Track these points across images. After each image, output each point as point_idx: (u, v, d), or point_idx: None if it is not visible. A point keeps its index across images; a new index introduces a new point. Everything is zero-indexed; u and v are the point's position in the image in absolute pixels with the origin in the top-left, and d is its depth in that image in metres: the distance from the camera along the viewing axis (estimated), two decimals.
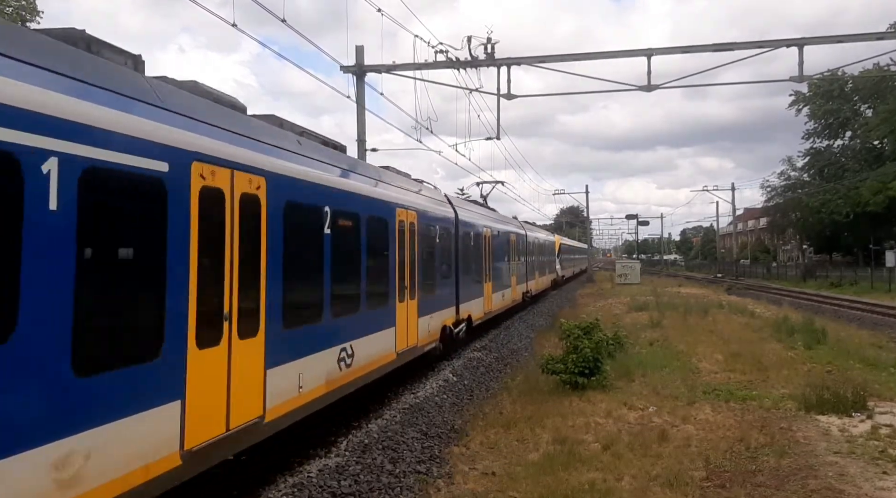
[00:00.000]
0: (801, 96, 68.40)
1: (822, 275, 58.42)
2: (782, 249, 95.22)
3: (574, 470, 7.89)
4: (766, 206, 77.37)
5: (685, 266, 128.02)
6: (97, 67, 5.31)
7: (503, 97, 20.47)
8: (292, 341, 7.65)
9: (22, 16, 31.41)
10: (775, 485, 7.45)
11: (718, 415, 10.46)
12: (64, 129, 4.53)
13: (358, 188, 10.16)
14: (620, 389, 12.34)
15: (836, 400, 10.61)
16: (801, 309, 29.67)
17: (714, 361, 15.39)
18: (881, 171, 55.31)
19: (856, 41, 19.81)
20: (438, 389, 12.45)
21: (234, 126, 6.91)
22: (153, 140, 5.41)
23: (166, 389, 5.45)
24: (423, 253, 13.10)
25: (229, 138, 6.65)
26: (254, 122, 7.75)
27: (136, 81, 5.74)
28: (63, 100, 4.60)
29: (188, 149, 5.85)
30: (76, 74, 4.88)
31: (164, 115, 5.69)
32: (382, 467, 8.06)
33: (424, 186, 15.19)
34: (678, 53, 20.51)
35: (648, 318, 23.97)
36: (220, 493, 7.31)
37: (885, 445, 8.79)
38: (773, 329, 20.90)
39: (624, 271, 56.33)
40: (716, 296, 38.38)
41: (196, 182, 5.94)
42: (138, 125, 5.30)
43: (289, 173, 7.71)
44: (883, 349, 18.21)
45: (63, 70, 4.77)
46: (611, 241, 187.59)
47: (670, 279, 67.85)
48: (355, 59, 20.05)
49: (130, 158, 5.15)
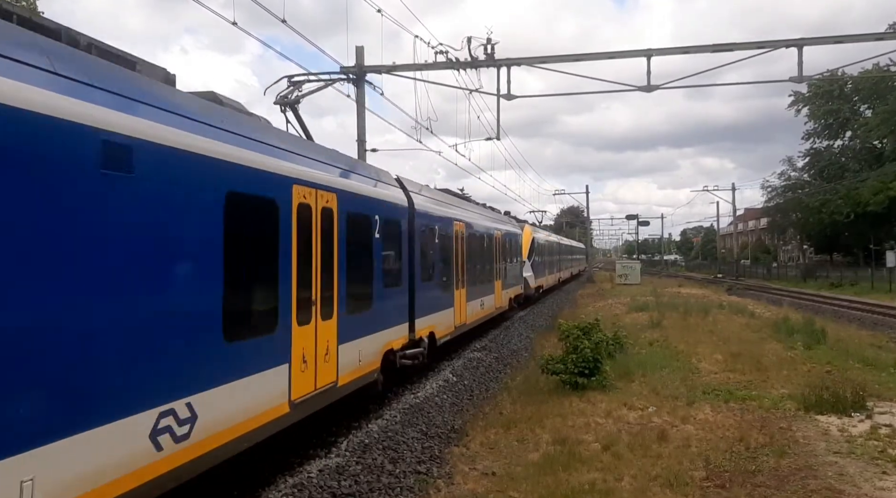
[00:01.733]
0: (800, 97, 68.46)
1: (823, 275, 58.46)
2: (783, 249, 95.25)
3: (574, 470, 7.90)
4: (767, 206, 77.39)
5: (685, 266, 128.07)
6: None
7: (503, 98, 20.47)
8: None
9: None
10: (775, 485, 7.46)
11: (718, 415, 10.47)
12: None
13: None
14: (620, 389, 12.35)
15: (835, 400, 10.62)
16: (801, 309, 29.67)
17: (714, 361, 15.40)
18: (882, 172, 55.31)
19: (855, 41, 19.78)
20: (438, 389, 12.46)
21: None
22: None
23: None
24: (350, 252, 9.56)
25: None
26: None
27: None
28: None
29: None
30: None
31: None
32: (382, 467, 8.07)
33: (362, 165, 12.24)
34: (678, 54, 20.51)
35: (648, 318, 23.96)
36: (220, 493, 7.32)
37: (884, 445, 8.80)
38: (773, 329, 20.91)
39: (624, 272, 56.31)
40: (716, 296, 38.38)
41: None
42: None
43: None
44: (883, 349, 18.23)
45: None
46: (611, 242, 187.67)
47: (670, 279, 67.83)
48: (355, 59, 20.07)
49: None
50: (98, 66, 5.48)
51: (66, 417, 4.60)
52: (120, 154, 5.15)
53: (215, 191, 6.43)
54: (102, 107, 5.05)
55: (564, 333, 12.93)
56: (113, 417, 5.03)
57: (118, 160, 5.14)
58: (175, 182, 5.86)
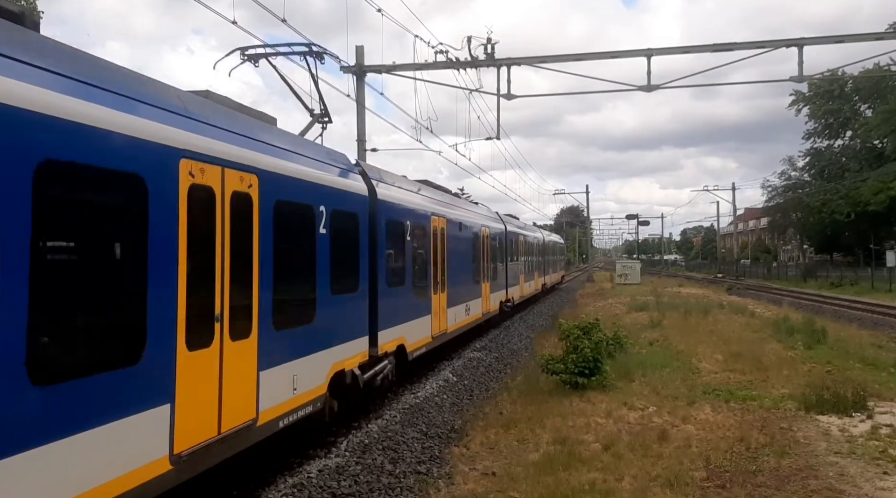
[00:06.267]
0: (800, 96, 68.42)
1: (823, 275, 58.43)
2: (783, 248, 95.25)
3: (574, 470, 7.89)
4: (767, 206, 77.41)
5: (685, 266, 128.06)
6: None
7: (503, 97, 20.50)
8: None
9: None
10: (776, 485, 7.44)
11: (718, 415, 10.46)
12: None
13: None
14: (620, 389, 12.33)
15: (836, 400, 10.61)
16: (801, 309, 29.67)
17: (714, 361, 15.38)
18: (882, 171, 55.32)
19: (855, 41, 19.80)
20: (438, 389, 12.46)
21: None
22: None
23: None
24: (280, 251, 7.57)
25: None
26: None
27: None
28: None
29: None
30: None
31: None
32: (382, 468, 8.06)
33: (309, 144, 9.78)
34: (677, 54, 20.52)
35: (648, 318, 23.96)
36: (220, 493, 7.31)
37: (885, 445, 8.78)
38: (774, 329, 20.90)
39: (624, 271, 56.29)
40: (716, 296, 38.37)
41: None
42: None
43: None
44: (883, 349, 18.20)
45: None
46: (611, 241, 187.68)
47: (670, 279, 67.80)
48: (355, 59, 20.08)
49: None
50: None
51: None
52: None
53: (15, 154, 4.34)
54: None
55: (564, 333, 12.92)
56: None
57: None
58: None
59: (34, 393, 4.39)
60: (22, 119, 4.37)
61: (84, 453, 4.75)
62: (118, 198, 5.44)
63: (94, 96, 5.10)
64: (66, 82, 4.88)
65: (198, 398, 6.04)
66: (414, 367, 13.38)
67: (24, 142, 4.40)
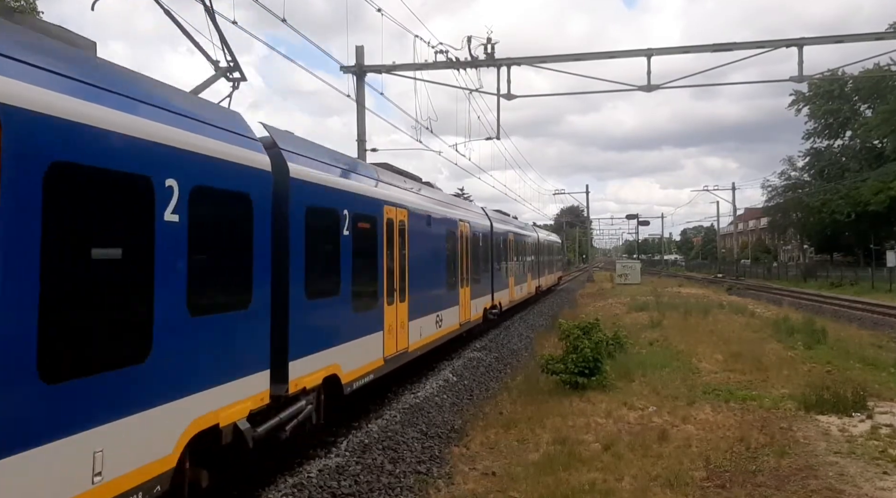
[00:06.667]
0: (800, 96, 68.44)
1: (823, 275, 58.44)
2: (783, 248, 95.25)
3: (574, 470, 7.89)
4: (767, 206, 77.43)
5: (685, 266, 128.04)
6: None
7: (503, 97, 20.50)
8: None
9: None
10: (775, 485, 7.45)
11: (718, 415, 10.46)
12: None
13: None
14: (620, 389, 12.34)
15: (835, 400, 10.62)
16: (801, 309, 29.68)
17: (714, 361, 15.39)
18: (882, 171, 55.33)
19: (854, 41, 19.80)
20: (438, 389, 12.46)
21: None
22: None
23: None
24: (71, 251, 4.80)
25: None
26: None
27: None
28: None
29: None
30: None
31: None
32: (382, 467, 8.07)
33: (159, 85, 6.37)
34: (677, 54, 20.53)
35: (648, 318, 23.97)
36: (220, 493, 7.31)
37: (885, 445, 8.79)
38: (774, 329, 20.91)
39: (624, 271, 56.30)
40: (716, 296, 38.38)
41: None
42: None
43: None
44: (883, 349, 18.22)
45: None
46: (611, 241, 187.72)
47: (671, 279, 67.83)
48: (356, 59, 20.09)
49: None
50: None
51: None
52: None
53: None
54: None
55: (564, 333, 12.93)
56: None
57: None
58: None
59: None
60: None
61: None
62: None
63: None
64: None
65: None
66: (355, 400, 10.80)
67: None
